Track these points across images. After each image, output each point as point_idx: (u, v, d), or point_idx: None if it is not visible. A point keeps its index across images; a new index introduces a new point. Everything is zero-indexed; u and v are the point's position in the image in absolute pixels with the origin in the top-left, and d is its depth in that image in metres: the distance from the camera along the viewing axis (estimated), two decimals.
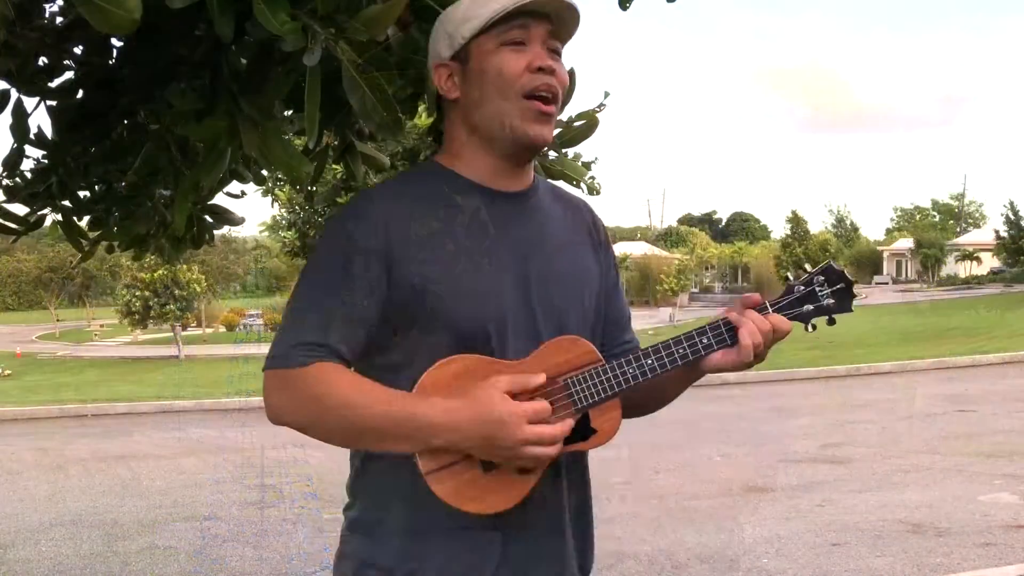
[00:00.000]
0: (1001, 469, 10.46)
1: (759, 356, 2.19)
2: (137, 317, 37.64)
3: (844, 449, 12.16)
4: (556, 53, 2.25)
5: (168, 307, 36.80)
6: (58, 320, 62.15)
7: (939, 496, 9.39)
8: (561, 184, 3.34)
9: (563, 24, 2.25)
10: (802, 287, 2.25)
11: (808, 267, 2.28)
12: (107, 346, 45.81)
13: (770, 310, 2.22)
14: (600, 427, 2.17)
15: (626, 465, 11.20)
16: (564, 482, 2.28)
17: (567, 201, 2.49)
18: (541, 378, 2.09)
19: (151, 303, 36.75)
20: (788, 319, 2.22)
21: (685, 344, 2.18)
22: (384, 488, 2.23)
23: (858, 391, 18.80)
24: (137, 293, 36.67)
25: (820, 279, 2.25)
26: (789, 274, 2.30)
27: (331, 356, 2.12)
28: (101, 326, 57.89)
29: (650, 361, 2.17)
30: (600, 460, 2.46)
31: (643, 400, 2.42)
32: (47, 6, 3.42)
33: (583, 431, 2.16)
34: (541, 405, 2.04)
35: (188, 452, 14.43)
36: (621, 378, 2.15)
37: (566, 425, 2.07)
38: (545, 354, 2.16)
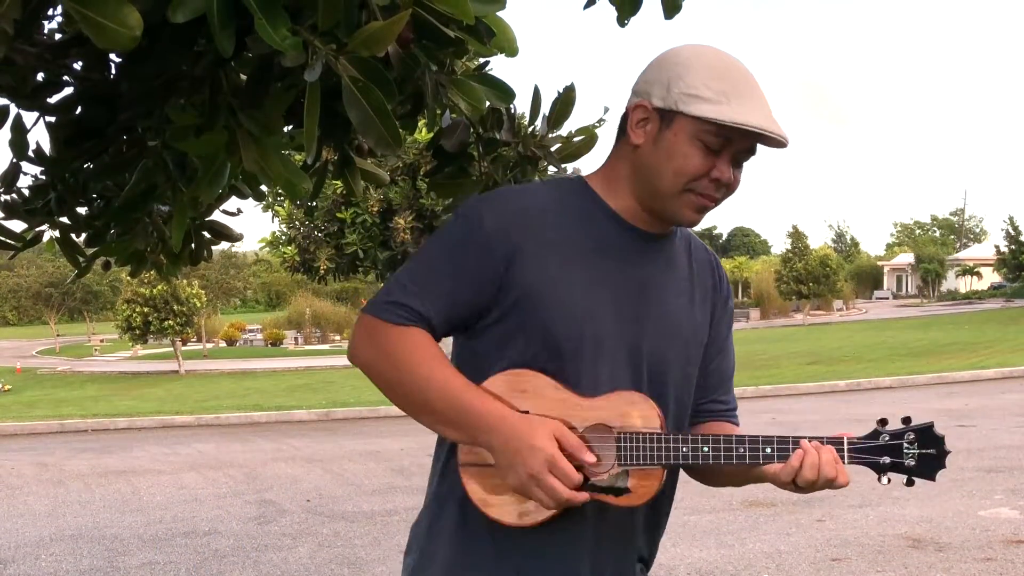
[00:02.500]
0: (1001, 484, 10.45)
1: (811, 483, 2.15)
2: (137, 332, 37.63)
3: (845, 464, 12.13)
4: (748, 155, 2.23)
5: (168, 322, 36.78)
6: (58, 335, 62.21)
7: (939, 511, 9.38)
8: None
9: (768, 143, 2.20)
10: (888, 437, 2.18)
11: (910, 419, 2.21)
12: (107, 361, 45.81)
13: (845, 448, 2.17)
14: (635, 489, 2.16)
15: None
16: (621, 518, 2.30)
17: (696, 253, 2.48)
18: (591, 459, 2.10)
19: (151, 318, 36.74)
20: (861, 464, 2.18)
21: (747, 447, 2.16)
22: (445, 488, 2.31)
23: (859, 406, 18.77)
24: (137, 308, 36.64)
25: (911, 436, 2.19)
26: (885, 419, 2.21)
27: (423, 324, 2.20)
28: (101, 341, 57.96)
29: (707, 449, 2.16)
30: None
31: (705, 476, 2.45)
32: (46, 22, 3.43)
33: (617, 486, 2.15)
34: (571, 470, 2.05)
35: (188, 467, 14.41)
36: (673, 452, 2.15)
37: (580, 496, 2.07)
38: (612, 401, 2.17)
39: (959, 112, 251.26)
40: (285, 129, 3.51)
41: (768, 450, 2.16)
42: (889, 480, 2.18)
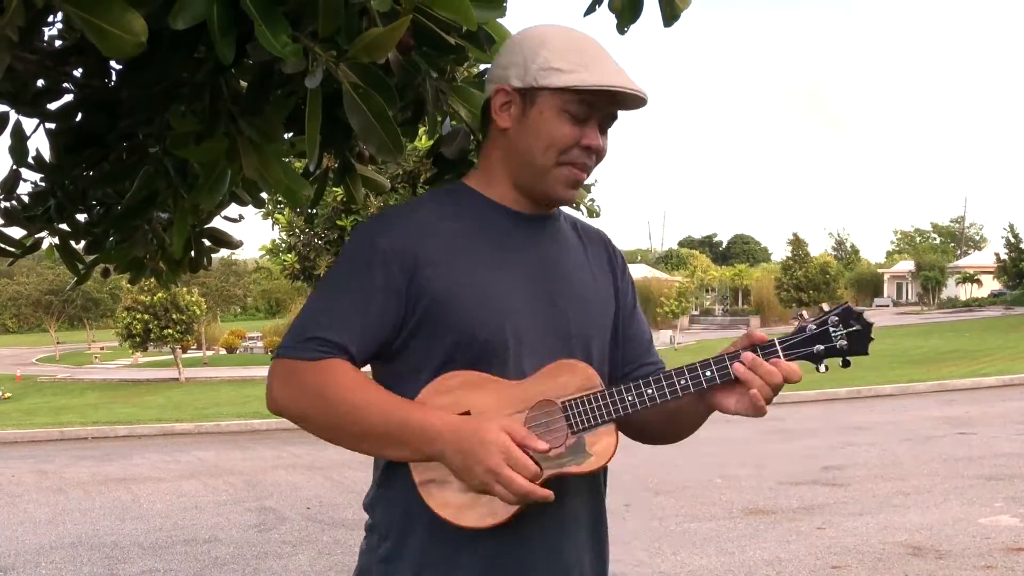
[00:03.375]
0: (1002, 492, 10.44)
1: (765, 398, 2.16)
2: (137, 340, 37.69)
3: (845, 472, 12.15)
4: (611, 120, 2.28)
5: (168, 330, 36.83)
6: (58, 343, 62.28)
7: (939, 519, 9.37)
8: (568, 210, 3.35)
9: (626, 105, 2.26)
10: (814, 326, 2.20)
11: (825, 306, 2.24)
12: (107, 369, 45.83)
13: (778, 348, 2.19)
14: (595, 452, 2.17)
15: (626, 486, 11.20)
16: (573, 500, 2.29)
17: (586, 231, 2.53)
18: (543, 446, 2.08)
19: (151, 326, 36.80)
20: (797, 359, 2.19)
21: (687, 375, 2.17)
22: (398, 501, 2.25)
23: (859, 414, 18.77)
24: (137, 316, 36.72)
25: (835, 319, 2.20)
26: (804, 312, 2.25)
27: (342, 354, 2.16)
28: (101, 349, 57.97)
29: (650, 391, 2.16)
30: None
31: (657, 430, 2.45)
32: (46, 29, 3.43)
33: (578, 454, 2.16)
34: (527, 460, 2.04)
35: (188, 475, 14.41)
36: (619, 405, 2.16)
37: (542, 492, 2.05)
38: (546, 375, 2.18)
39: (959, 119, 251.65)
40: (286, 136, 3.51)
41: (708, 373, 2.17)
42: (827, 368, 2.21)
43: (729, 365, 2.17)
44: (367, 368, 2.30)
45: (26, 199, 3.94)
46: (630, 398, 2.16)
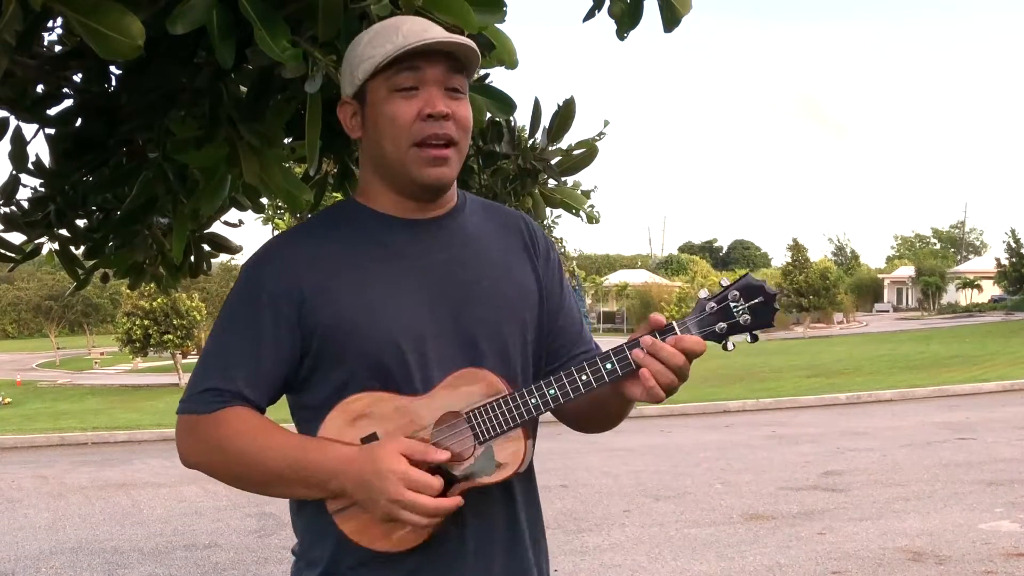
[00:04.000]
0: (1002, 497, 10.42)
1: (671, 390, 2.10)
2: (137, 345, 37.62)
3: (845, 477, 12.13)
4: (456, 91, 2.18)
5: (168, 335, 36.78)
6: (58, 348, 62.17)
7: (940, 524, 9.35)
8: (562, 214, 3.34)
9: (460, 60, 2.17)
10: (714, 304, 2.12)
11: (725, 281, 2.16)
12: (107, 374, 45.78)
13: (677, 330, 2.11)
14: (505, 460, 2.14)
15: (626, 493, 11.19)
16: (497, 509, 2.26)
17: (499, 216, 2.44)
18: (444, 455, 2.07)
19: (151, 331, 36.74)
20: (701, 338, 2.11)
21: (588, 371, 2.12)
22: (313, 526, 2.24)
23: (859, 419, 18.74)
24: (137, 321, 36.65)
25: (735, 294, 2.12)
26: (704, 291, 2.16)
27: (238, 401, 2.14)
28: (101, 354, 57.88)
29: (552, 391, 2.12)
30: (600, 487, 2.45)
31: (585, 420, 2.41)
32: (45, 34, 3.43)
33: (487, 465, 2.14)
34: (427, 479, 2.02)
35: (188, 480, 14.37)
36: (523, 408, 2.12)
37: (450, 502, 2.04)
38: (449, 386, 2.15)
39: (960, 124, 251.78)
40: (286, 141, 3.52)
41: (608, 365, 2.11)
42: (734, 346, 2.13)
43: (628, 354, 2.10)
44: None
45: (26, 204, 3.94)
46: (532, 401, 2.12)
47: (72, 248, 4.22)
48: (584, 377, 2.12)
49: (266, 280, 2.17)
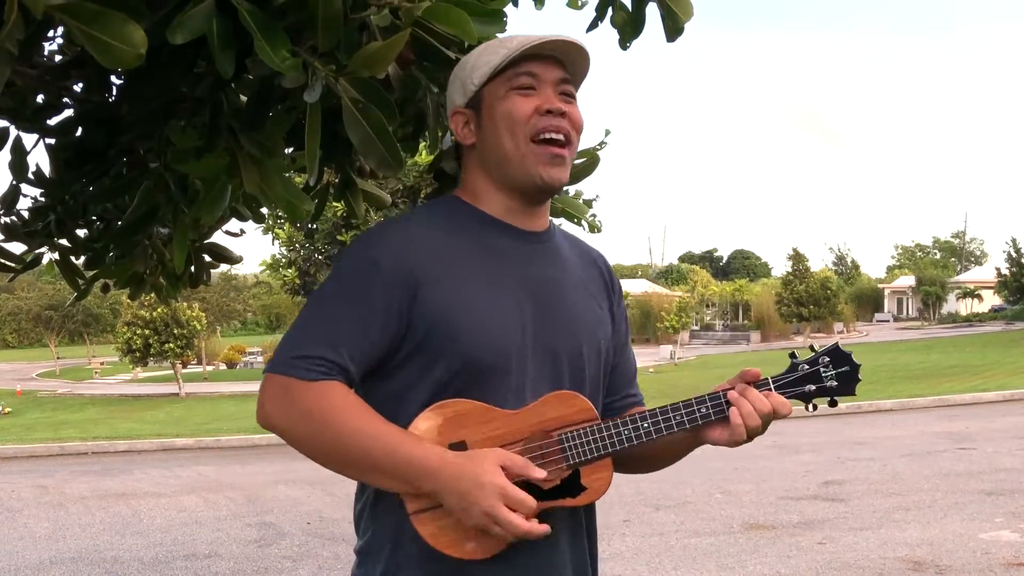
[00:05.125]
0: (1002, 507, 10.41)
1: (752, 434, 2.18)
2: (137, 355, 37.62)
3: (845, 487, 12.12)
4: (569, 96, 2.28)
5: (168, 345, 36.79)
6: (58, 358, 62.20)
7: (940, 534, 9.35)
8: (563, 222, 3.34)
9: (574, 66, 2.28)
10: (806, 366, 2.24)
11: (816, 347, 2.27)
12: (107, 384, 45.74)
13: (771, 387, 2.21)
14: (590, 484, 2.18)
15: (627, 502, 11.18)
16: (562, 534, 2.27)
17: (582, 250, 2.51)
18: (542, 474, 2.09)
19: (151, 341, 36.75)
20: (788, 398, 2.21)
21: (683, 412, 2.19)
22: (386, 525, 2.23)
23: (859, 428, 18.73)
24: (138, 331, 36.67)
25: (825, 359, 2.24)
26: (795, 352, 2.29)
27: (338, 374, 2.12)
28: (101, 364, 57.86)
29: (646, 425, 2.17)
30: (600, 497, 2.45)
31: (641, 461, 2.43)
32: (46, 44, 3.43)
33: (573, 487, 2.16)
34: (525, 498, 2.04)
35: (188, 490, 14.38)
36: (616, 439, 2.16)
37: (540, 529, 2.05)
38: (543, 405, 2.17)
39: (960, 134, 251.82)
40: (286, 151, 3.52)
41: (703, 409, 2.19)
42: (816, 407, 2.24)
43: (723, 399, 2.19)
44: None
45: (26, 214, 3.94)
46: (627, 432, 2.17)
47: (72, 258, 4.21)
48: (679, 417, 2.20)
49: (381, 261, 2.17)
